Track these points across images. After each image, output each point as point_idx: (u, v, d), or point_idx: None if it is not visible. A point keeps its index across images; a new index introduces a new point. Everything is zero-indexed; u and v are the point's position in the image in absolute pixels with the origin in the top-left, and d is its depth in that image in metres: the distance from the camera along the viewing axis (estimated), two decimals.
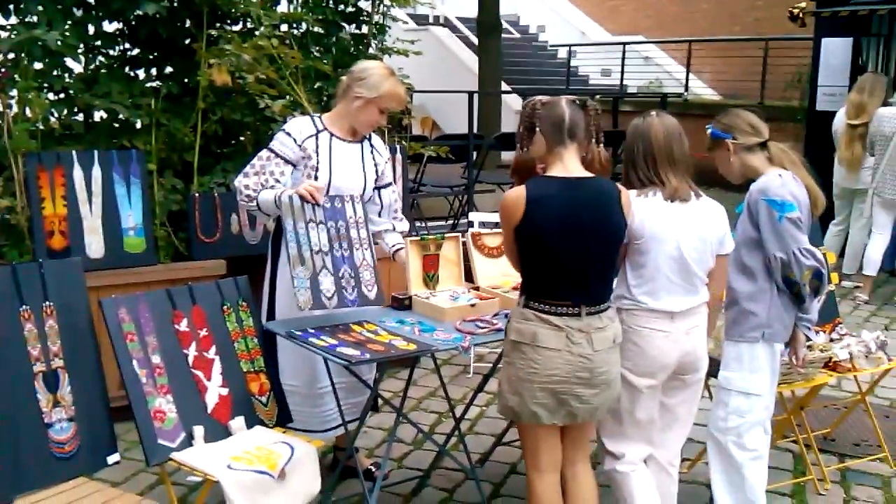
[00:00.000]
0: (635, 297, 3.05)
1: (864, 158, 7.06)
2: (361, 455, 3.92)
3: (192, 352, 3.12)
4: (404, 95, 3.61)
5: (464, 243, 3.83)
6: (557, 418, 2.87)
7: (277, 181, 3.47)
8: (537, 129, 2.88)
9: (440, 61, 13.45)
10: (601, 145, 3.03)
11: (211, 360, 3.16)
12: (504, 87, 12.60)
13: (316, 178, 3.48)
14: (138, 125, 4.75)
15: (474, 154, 7.85)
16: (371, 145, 3.70)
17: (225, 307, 3.27)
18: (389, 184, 3.76)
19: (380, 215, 3.76)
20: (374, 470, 3.83)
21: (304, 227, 3.30)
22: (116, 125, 4.79)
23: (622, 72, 14.32)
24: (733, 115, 3.32)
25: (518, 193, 2.80)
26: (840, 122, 7.27)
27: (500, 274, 3.86)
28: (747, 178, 3.32)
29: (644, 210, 3.01)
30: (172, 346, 3.08)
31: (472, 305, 3.51)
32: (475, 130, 7.90)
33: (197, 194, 4.69)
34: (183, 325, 3.13)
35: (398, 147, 5.29)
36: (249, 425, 3.14)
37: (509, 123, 11.46)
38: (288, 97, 4.81)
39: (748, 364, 3.25)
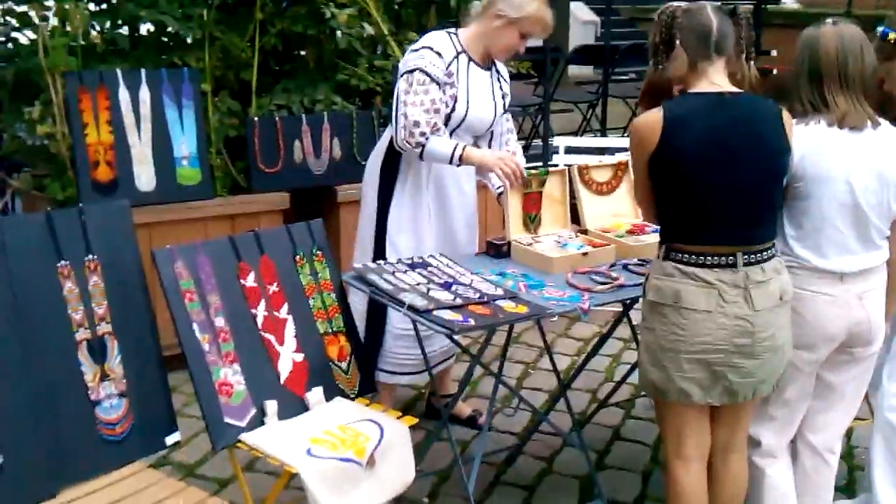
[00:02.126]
0: (795, 254, 2.50)
1: None
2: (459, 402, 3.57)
3: (261, 311, 2.64)
4: (551, 21, 3.11)
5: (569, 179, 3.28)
6: (713, 396, 2.36)
7: (437, 114, 3.02)
8: (677, 41, 2.30)
9: None
10: (752, 62, 2.46)
11: (283, 320, 2.68)
12: None
13: (454, 108, 3.07)
14: (189, 40, 4.19)
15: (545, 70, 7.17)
16: (497, 71, 3.27)
17: (297, 257, 2.77)
18: (507, 109, 3.32)
19: (490, 145, 3.31)
20: (477, 417, 3.58)
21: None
22: (165, 39, 4.24)
23: None
24: None
25: (653, 115, 2.27)
26: None
27: (610, 214, 3.31)
28: None
29: (804, 142, 2.43)
30: (238, 305, 2.60)
31: (585, 254, 2.97)
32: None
33: (256, 118, 4.17)
34: (250, 280, 2.65)
35: None
36: (329, 397, 2.68)
37: (577, 36, 10.70)
38: (355, 6, 4.24)
39: None
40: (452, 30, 3.19)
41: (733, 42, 2.35)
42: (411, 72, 3.03)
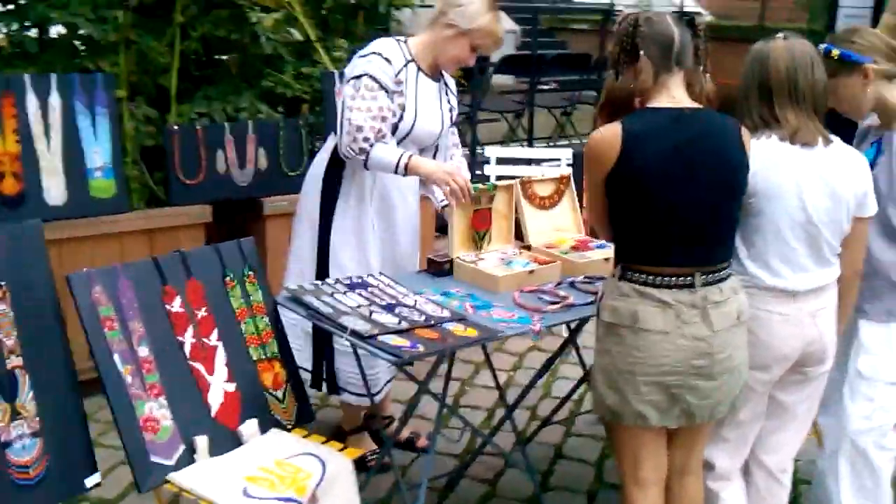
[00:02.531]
0: (749, 272, 2.42)
1: None
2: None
3: (188, 338, 2.44)
4: (502, 35, 3.00)
5: None
6: (670, 419, 2.27)
7: (384, 122, 2.90)
8: (640, 52, 2.19)
9: None
10: (708, 74, 2.39)
11: (213, 347, 2.48)
12: None
13: (401, 118, 2.94)
14: (104, 43, 3.92)
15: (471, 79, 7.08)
16: (446, 83, 3.15)
17: (228, 279, 2.58)
18: (453, 123, 3.21)
19: (434, 157, 3.18)
20: (416, 439, 3.49)
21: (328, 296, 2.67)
22: (77, 43, 3.96)
23: None
24: (870, 35, 2.63)
25: (611, 131, 2.16)
26: None
27: (553, 229, 3.20)
28: (877, 114, 2.68)
29: (757, 157, 2.36)
30: (164, 332, 2.39)
31: (531, 272, 2.86)
32: None
33: (176, 126, 3.93)
34: (176, 305, 2.44)
35: None
36: (264, 429, 2.49)
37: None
38: (281, 10, 4.04)
39: None
40: (402, 38, 3.06)
41: (692, 54, 2.27)
42: (359, 77, 2.89)
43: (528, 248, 3.11)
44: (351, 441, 3.37)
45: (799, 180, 2.39)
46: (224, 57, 4.48)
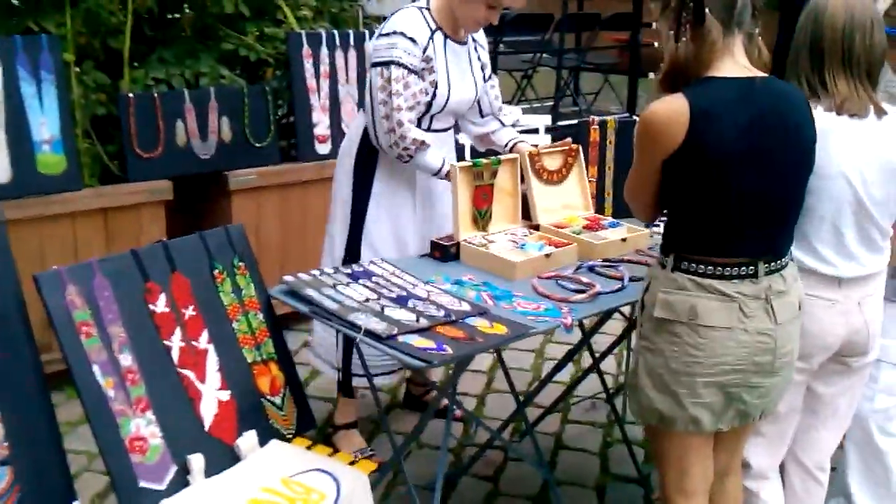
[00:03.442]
0: (791, 255, 2.21)
1: None
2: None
3: (176, 342, 2.12)
4: None
5: None
6: (724, 421, 2.06)
7: (419, 105, 2.74)
8: (707, 10, 1.93)
9: None
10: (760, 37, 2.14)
11: (203, 351, 2.17)
12: None
13: (434, 94, 2.72)
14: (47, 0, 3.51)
15: None
16: (473, 38, 2.89)
17: (216, 271, 2.26)
18: (489, 76, 3.00)
19: (481, 115, 3.01)
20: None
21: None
22: (17, 1, 3.54)
23: None
24: None
25: (676, 104, 1.89)
26: None
27: (561, 206, 2.95)
28: None
29: None
30: (149, 336, 2.07)
31: (547, 256, 2.60)
32: None
33: (130, 94, 3.56)
34: (161, 304, 2.12)
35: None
36: (263, 441, 2.20)
37: None
38: None
39: None
40: (423, 3, 2.78)
41: (751, 13, 2.01)
42: (385, 65, 2.65)
43: (536, 227, 2.85)
44: (340, 437, 3.12)
45: (847, 155, 2.18)
46: (177, 16, 4.07)
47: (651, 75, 8.32)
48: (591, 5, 8.71)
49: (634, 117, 3.16)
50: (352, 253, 2.87)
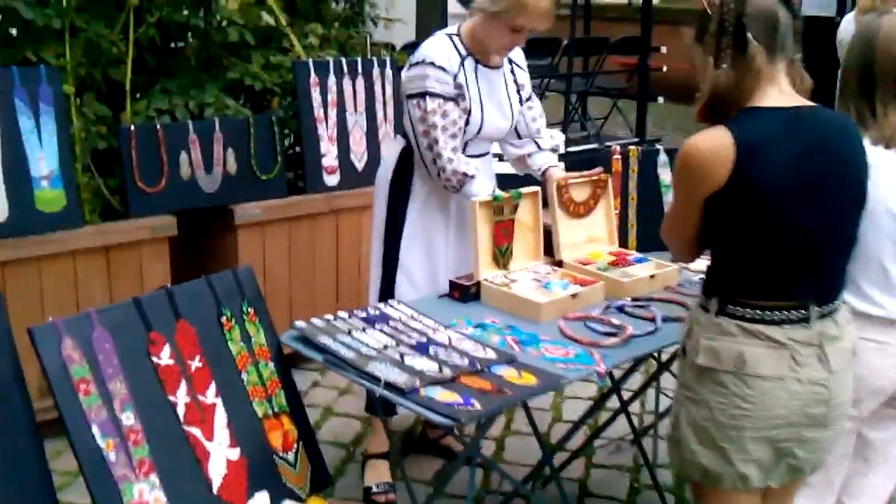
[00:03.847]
0: None
1: None
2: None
3: (181, 398, 1.97)
4: (550, 9, 2.55)
5: None
6: (773, 478, 1.91)
7: (460, 132, 2.68)
8: (748, 34, 1.78)
9: None
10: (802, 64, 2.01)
11: (211, 406, 2.02)
12: None
13: (467, 121, 2.64)
14: (46, 30, 3.38)
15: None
16: (510, 60, 2.80)
17: (224, 318, 2.12)
18: (529, 97, 2.89)
19: (519, 137, 2.91)
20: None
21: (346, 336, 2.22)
22: (15, 31, 3.41)
23: None
24: None
25: (719, 139, 1.75)
26: (848, 30, 6.32)
27: (585, 240, 2.81)
28: None
29: None
30: (152, 392, 1.93)
31: (573, 296, 2.45)
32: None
33: (132, 126, 3.42)
34: (165, 356, 1.97)
35: (386, 60, 4.09)
36: (275, 501, 2.04)
37: None
38: None
39: None
40: (454, 31, 2.71)
41: (792, 39, 1.88)
42: (421, 96, 2.59)
43: (559, 264, 2.71)
44: (368, 466, 2.99)
45: (894, 191, 2.05)
46: (180, 44, 3.96)
47: (661, 99, 8.25)
48: (598, 29, 8.62)
49: (658, 146, 3.02)
50: (387, 278, 2.83)
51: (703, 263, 2.00)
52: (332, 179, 3.89)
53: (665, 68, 7.84)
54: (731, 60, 1.77)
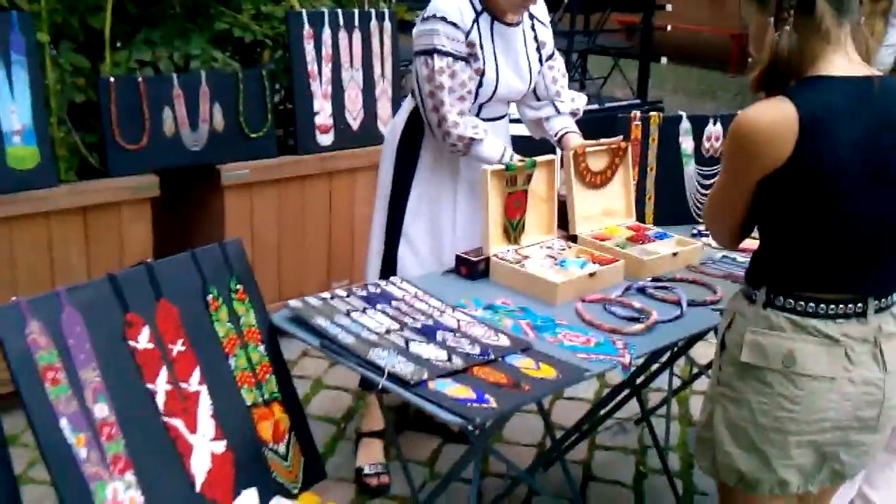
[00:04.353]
0: None
1: (886, 35, 5.99)
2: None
3: (161, 386, 1.77)
4: None
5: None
6: (814, 484, 1.74)
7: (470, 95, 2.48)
8: None
9: None
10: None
11: (194, 394, 1.83)
12: None
13: (481, 82, 2.45)
14: None
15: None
16: (532, 15, 2.59)
17: (210, 297, 1.91)
18: (550, 55, 2.68)
19: (537, 99, 2.70)
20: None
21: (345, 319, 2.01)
22: None
23: None
24: None
25: (780, 111, 1.55)
26: None
27: (601, 212, 2.61)
28: None
29: None
30: (129, 380, 1.73)
31: (591, 275, 2.26)
32: None
33: (112, 78, 3.17)
34: (143, 340, 1.77)
35: (385, 13, 3.84)
36: (265, 499, 1.85)
37: None
38: None
39: None
40: None
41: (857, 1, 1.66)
42: (429, 54, 2.39)
43: (574, 238, 2.51)
44: (361, 445, 2.83)
45: None
46: None
47: (664, 60, 8.00)
48: None
49: (680, 112, 2.81)
50: (389, 249, 2.67)
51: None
52: (325, 139, 3.67)
53: (669, 27, 7.59)
54: (794, 21, 1.56)
